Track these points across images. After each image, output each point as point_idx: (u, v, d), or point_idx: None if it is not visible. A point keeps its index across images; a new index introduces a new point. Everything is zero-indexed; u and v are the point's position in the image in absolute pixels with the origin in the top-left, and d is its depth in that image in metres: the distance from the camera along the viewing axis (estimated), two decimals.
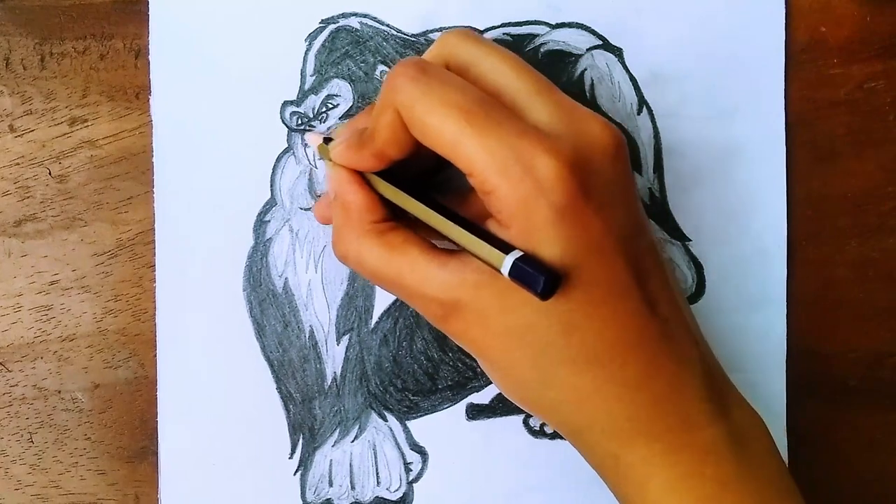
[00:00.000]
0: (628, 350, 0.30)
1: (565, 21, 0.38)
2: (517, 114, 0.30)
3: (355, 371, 0.38)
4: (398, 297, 0.32)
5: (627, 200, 0.30)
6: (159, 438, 0.37)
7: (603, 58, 0.38)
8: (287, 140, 0.37)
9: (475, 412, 0.38)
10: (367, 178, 0.32)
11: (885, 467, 0.38)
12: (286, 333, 0.38)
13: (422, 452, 0.38)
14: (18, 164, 0.37)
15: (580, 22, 0.38)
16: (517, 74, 0.30)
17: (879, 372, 0.38)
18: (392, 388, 0.38)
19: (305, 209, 0.37)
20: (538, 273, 0.27)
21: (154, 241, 0.37)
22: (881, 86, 0.38)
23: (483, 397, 0.38)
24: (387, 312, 0.38)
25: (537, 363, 0.30)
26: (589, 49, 0.38)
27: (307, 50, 0.37)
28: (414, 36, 0.37)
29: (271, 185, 0.37)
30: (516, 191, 0.28)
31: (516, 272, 0.27)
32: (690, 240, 0.38)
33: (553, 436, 0.38)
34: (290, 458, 0.38)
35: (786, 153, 0.38)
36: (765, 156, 0.38)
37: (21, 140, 0.37)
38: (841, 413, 0.38)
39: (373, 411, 0.38)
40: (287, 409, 0.38)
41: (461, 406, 0.38)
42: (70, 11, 0.37)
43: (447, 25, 0.37)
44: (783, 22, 0.38)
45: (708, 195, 0.38)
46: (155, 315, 0.37)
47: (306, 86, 0.37)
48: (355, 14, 0.37)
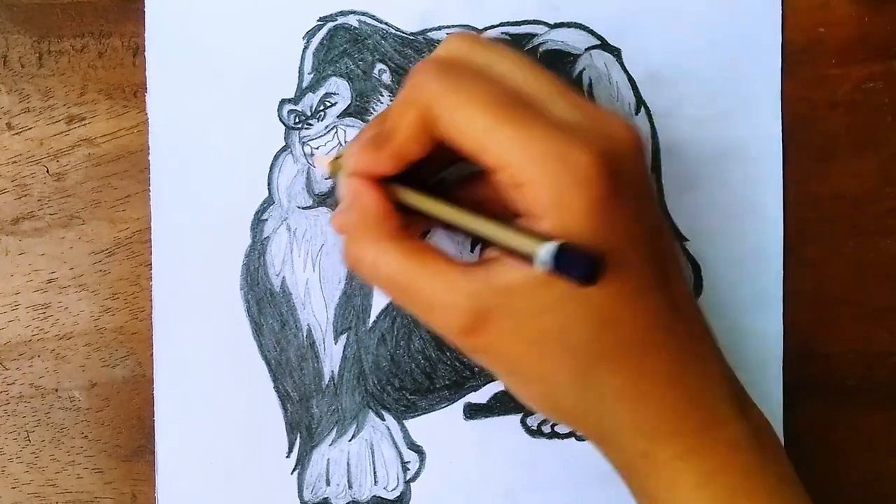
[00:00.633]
0: (660, 346, 0.30)
1: (564, 21, 0.38)
2: (543, 112, 0.29)
3: (353, 370, 0.38)
4: (410, 311, 0.30)
5: (649, 199, 0.31)
6: (156, 437, 0.37)
7: (601, 58, 0.38)
8: (284, 138, 0.37)
9: (473, 411, 0.38)
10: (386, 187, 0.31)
11: (883, 467, 0.38)
12: (284, 332, 0.38)
13: (419, 452, 0.38)
14: (16, 162, 0.37)
15: (579, 22, 0.38)
16: (535, 76, 0.30)
17: (877, 372, 0.38)
18: (390, 388, 0.38)
19: (303, 208, 0.37)
20: (582, 259, 0.26)
21: (151, 240, 0.37)
22: (879, 86, 0.38)
23: (481, 397, 0.38)
24: (385, 311, 0.38)
25: (574, 364, 0.29)
26: (587, 49, 0.38)
27: (305, 48, 0.37)
28: (412, 34, 0.37)
29: (269, 184, 0.37)
30: (553, 182, 0.27)
31: (559, 261, 0.26)
32: (688, 240, 0.38)
33: (551, 435, 0.38)
34: (288, 457, 0.38)
35: (783, 154, 0.38)
36: (762, 156, 0.38)
37: (19, 138, 0.37)
38: (838, 413, 0.38)
39: (370, 410, 0.38)
40: (284, 408, 0.38)
41: (459, 405, 0.38)
42: (68, 9, 0.37)
43: (446, 24, 0.37)
44: (780, 23, 0.38)
45: (705, 195, 0.38)
46: (152, 313, 0.37)
47: (304, 84, 0.37)
48: (354, 12, 0.37)
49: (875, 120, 0.38)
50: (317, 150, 0.37)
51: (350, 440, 0.38)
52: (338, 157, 0.33)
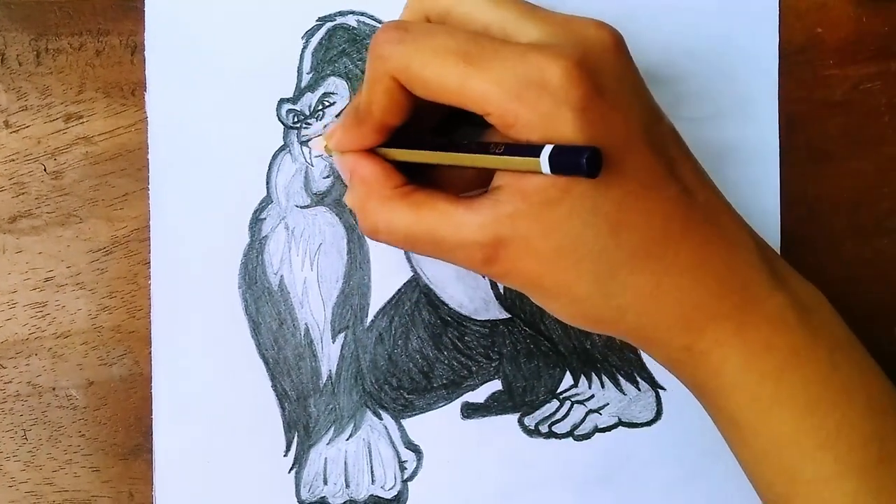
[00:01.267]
0: (678, 238, 0.29)
1: None
2: (510, 40, 0.29)
3: (350, 369, 0.38)
4: (438, 258, 0.31)
5: (638, 92, 0.30)
6: (154, 436, 0.37)
7: None
8: (283, 138, 0.37)
9: (470, 411, 0.38)
10: (377, 152, 0.32)
11: None
12: (281, 331, 0.38)
13: (417, 451, 0.38)
14: (13, 161, 0.37)
15: None
16: (496, 5, 0.30)
17: None
18: (387, 387, 0.38)
19: (301, 207, 0.37)
20: (578, 154, 0.26)
21: (149, 238, 0.37)
22: (877, 87, 0.38)
23: (478, 396, 0.38)
24: (382, 311, 0.38)
25: (594, 274, 0.29)
26: None
27: (304, 47, 0.37)
28: None
29: (267, 183, 0.37)
30: (537, 109, 0.28)
31: (557, 162, 0.27)
32: None
33: (548, 435, 0.38)
34: (285, 456, 0.38)
35: (780, 154, 0.38)
36: (759, 157, 0.38)
37: (16, 136, 0.37)
38: None
39: (368, 409, 0.38)
40: (282, 407, 0.38)
41: (456, 405, 0.38)
42: (66, 7, 0.37)
43: None
44: (777, 23, 0.38)
45: None
46: (150, 312, 0.37)
47: (303, 83, 0.37)
48: (352, 12, 0.37)
49: (872, 120, 0.38)
50: (315, 150, 0.37)
51: (347, 439, 0.38)
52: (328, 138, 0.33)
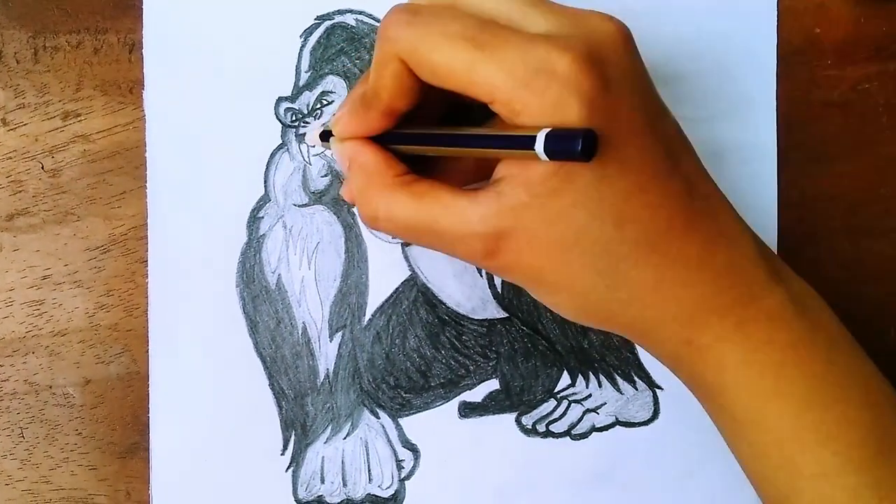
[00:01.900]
0: (682, 232, 0.29)
1: None
2: (519, 29, 0.29)
3: (348, 368, 0.38)
4: (438, 250, 0.31)
5: (644, 86, 0.30)
6: (151, 434, 0.37)
7: None
8: (281, 136, 0.37)
9: (467, 410, 0.38)
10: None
11: None
12: (279, 330, 0.38)
13: (414, 450, 0.38)
14: (11, 158, 0.37)
15: None
16: None
17: None
18: (385, 386, 0.38)
19: (299, 206, 0.37)
20: (574, 136, 0.26)
21: (147, 237, 0.37)
22: (874, 87, 0.38)
23: (475, 395, 0.38)
24: (380, 310, 0.38)
25: (598, 266, 0.29)
26: None
27: (302, 46, 0.37)
28: None
29: (265, 182, 0.37)
30: (544, 97, 0.27)
31: (552, 146, 0.26)
32: None
33: (545, 434, 0.38)
34: (282, 455, 0.38)
35: (778, 154, 0.38)
36: (757, 157, 0.38)
37: (14, 134, 0.37)
38: None
39: (365, 408, 0.38)
40: (279, 406, 0.38)
41: (453, 404, 0.38)
42: (64, 5, 0.37)
43: None
44: (775, 24, 0.38)
45: None
46: (147, 311, 0.37)
47: (301, 82, 0.37)
48: (351, 11, 0.37)
49: (870, 121, 0.38)
50: (313, 148, 0.37)
51: (345, 438, 0.38)
52: (325, 129, 0.33)
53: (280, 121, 0.37)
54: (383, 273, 0.38)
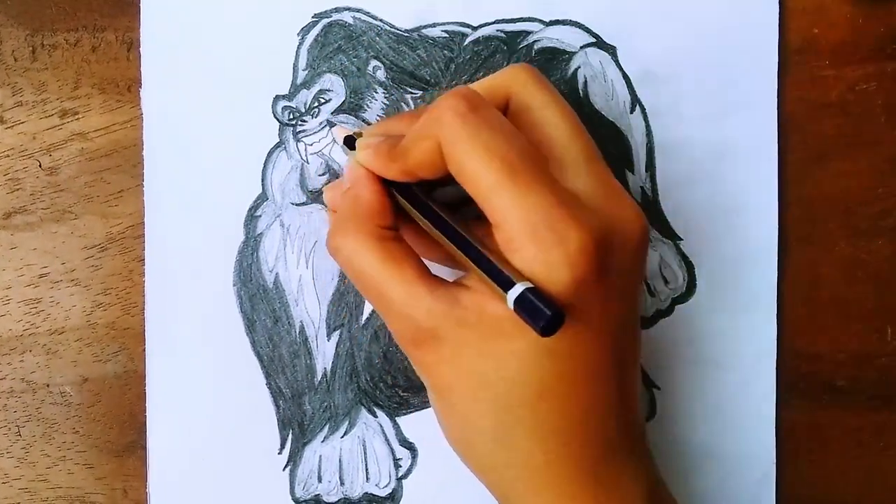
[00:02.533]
0: (591, 432, 0.30)
1: (559, 18, 0.38)
2: (558, 175, 0.29)
3: (345, 367, 0.38)
4: (375, 308, 0.31)
5: (635, 289, 0.31)
6: (148, 433, 0.37)
7: (596, 56, 0.38)
8: (279, 135, 0.37)
9: None
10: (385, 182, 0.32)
11: (873, 467, 0.39)
12: (276, 329, 0.37)
13: (411, 448, 0.38)
14: (8, 156, 0.37)
15: (574, 19, 0.38)
16: (571, 134, 0.30)
17: (867, 372, 0.38)
18: (382, 384, 0.38)
19: (297, 204, 0.37)
20: (545, 308, 0.26)
21: (144, 235, 0.37)
22: (873, 88, 0.38)
23: None
24: None
25: (499, 418, 0.29)
26: (582, 47, 0.38)
27: (299, 44, 0.37)
28: (407, 31, 0.37)
29: (262, 180, 0.37)
30: (543, 254, 0.28)
31: (522, 302, 0.27)
32: (682, 239, 0.38)
33: None
34: (280, 454, 0.38)
35: (778, 154, 0.38)
36: (757, 156, 0.38)
37: (11, 132, 0.37)
38: (829, 413, 0.38)
39: (362, 407, 0.38)
40: (277, 405, 0.38)
41: None
42: (62, 3, 0.37)
43: (440, 21, 0.37)
44: (777, 22, 0.38)
45: (700, 194, 0.38)
46: (144, 309, 0.37)
47: (298, 80, 0.37)
48: (348, 9, 0.37)
49: (868, 121, 0.38)
50: (310, 147, 0.37)
51: (342, 437, 0.38)
52: (355, 135, 0.33)
53: (278, 119, 0.37)
54: None
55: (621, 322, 0.30)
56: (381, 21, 0.37)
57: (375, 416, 0.38)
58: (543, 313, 0.26)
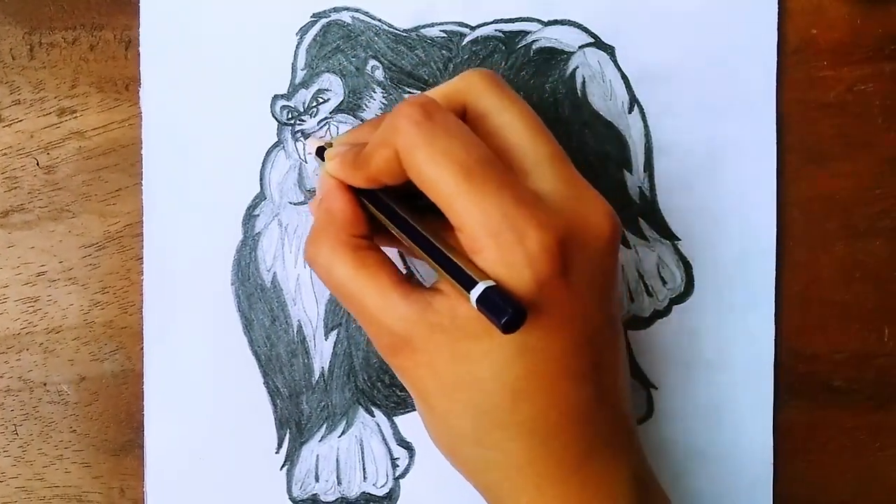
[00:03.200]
0: (570, 432, 0.30)
1: (557, 18, 0.38)
2: (521, 177, 0.30)
3: (343, 366, 0.38)
4: (354, 316, 0.31)
5: (606, 289, 0.30)
6: (145, 432, 0.37)
7: (595, 55, 0.38)
8: (277, 134, 0.37)
9: None
10: (356, 190, 0.32)
11: (870, 467, 0.39)
12: (274, 328, 0.37)
13: (409, 448, 0.38)
14: (6, 155, 0.37)
15: (572, 19, 0.38)
16: (533, 136, 0.30)
17: (864, 373, 0.38)
18: (380, 384, 0.38)
19: (295, 204, 0.37)
20: (505, 305, 0.27)
21: (142, 234, 0.37)
22: (871, 88, 0.38)
23: None
24: None
25: (477, 420, 0.30)
26: (581, 47, 0.38)
27: (298, 44, 0.37)
28: (406, 31, 0.37)
29: (261, 180, 0.37)
30: (504, 256, 0.28)
31: (485, 301, 0.27)
32: (680, 239, 0.38)
33: None
34: (277, 453, 0.38)
35: (776, 154, 0.38)
36: (755, 156, 0.38)
37: (9, 130, 0.37)
38: (826, 413, 0.38)
39: (360, 407, 0.38)
40: (274, 404, 0.38)
41: None
42: (60, 1, 0.37)
43: (439, 21, 0.37)
44: (776, 23, 0.38)
45: (698, 195, 0.38)
46: (142, 308, 0.37)
47: (297, 80, 0.37)
48: (347, 8, 0.37)
49: (866, 122, 0.38)
50: (314, 136, 0.37)
51: (340, 436, 0.38)
52: (326, 146, 0.33)
53: (276, 118, 0.37)
54: None
55: (594, 321, 0.30)
56: (380, 21, 0.37)
57: (373, 416, 0.38)
58: (505, 310, 0.27)
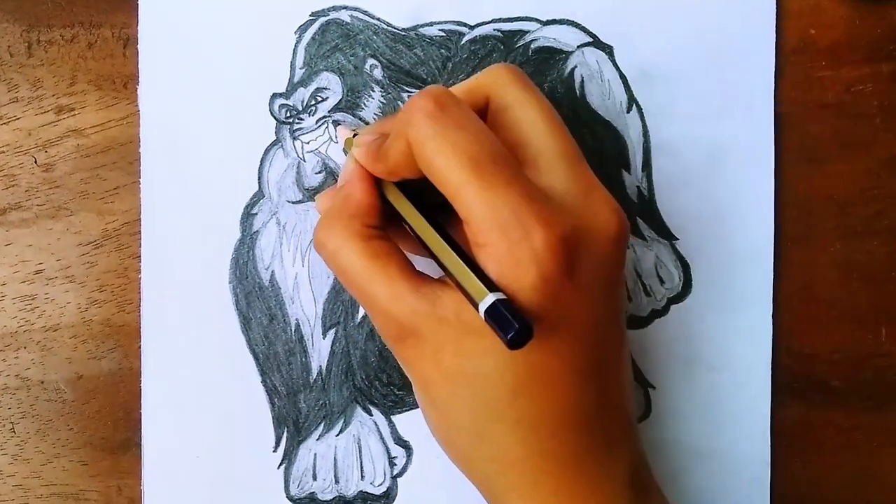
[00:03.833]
0: (568, 429, 0.30)
1: (556, 18, 0.38)
2: (532, 172, 0.30)
3: (341, 365, 0.38)
4: (360, 304, 0.32)
5: (612, 289, 0.31)
6: (143, 430, 0.37)
7: (593, 55, 0.38)
8: (275, 132, 0.37)
9: None
10: (379, 180, 0.32)
11: (867, 468, 0.39)
12: (272, 327, 0.37)
13: (406, 447, 0.38)
14: (4, 153, 0.37)
15: (571, 19, 0.38)
16: (549, 133, 0.30)
17: (861, 373, 0.38)
18: (378, 383, 0.38)
19: (293, 202, 0.37)
20: (514, 320, 0.27)
21: (140, 232, 0.37)
22: (868, 89, 0.38)
23: None
24: None
25: (477, 413, 0.30)
26: (579, 46, 0.38)
27: (297, 42, 0.37)
28: (404, 30, 0.37)
29: (259, 178, 0.37)
30: (510, 252, 0.28)
31: (493, 313, 0.27)
32: (678, 238, 0.38)
33: None
34: (275, 452, 0.38)
35: (774, 154, 0.38)
36: (753, 156, 0.38)
37: (7, 128, 0.37)
38: (823, 413, 0.39)
39: (358, 405, 0.38)
40: (272, 403, 0.38)
41: None
42: None
43: (437, 20, 0.37)
44: (774, 23, 0.38)
45: (696, 194, 0.38)
46: (140, 306, 0.37)
47: (295, 78, 0.37)
48: (346, 7, 0.37)
49: (864, 122, 0.38)
50: (307, 145, 0.37)
51: (337, 435, 0.38)
52: (355, 135, 0.33)
53: (274, 117, 0.37)
54: None
55: (598, 321, 0.30)
56: (379, 19, 0.37)
57: (371, 415, 0.38)
58: (509, 329, 0.27)
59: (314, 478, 0.38)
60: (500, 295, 0.27)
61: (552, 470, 0.30)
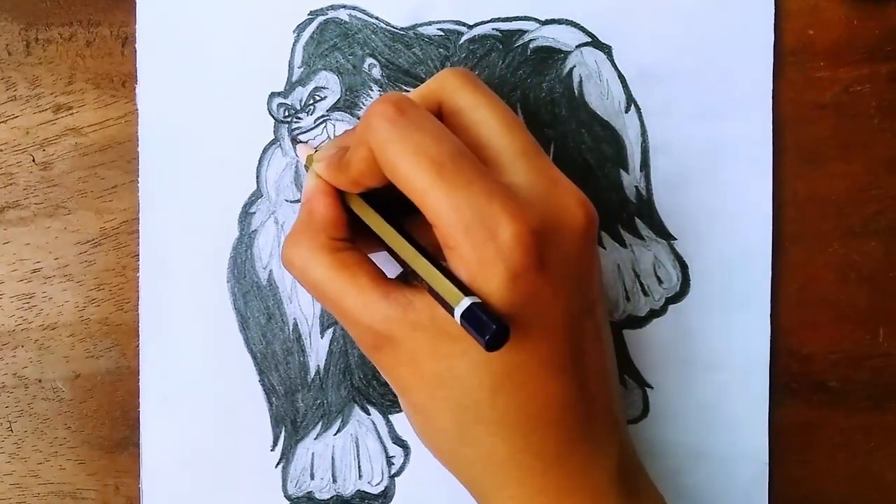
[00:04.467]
0: (550, 425, 0.30)
1: (554, 17, 0.38)
2: (494, 172, 0.30)
3: (339, 364, 0.38)
4: (335, 316, 0.32)
5: (585, 278, 0.30)
6: (141, 429, 0.37)
7: (592, 55, 0.38)
8: (274, 132, 0.37)
9: None
10: (342, 193, 0.32)
11: (864, 468, 0.39)
12: (270, 326, 0.37)
13: (404, 446, 0.38)
14: (2, 151, 0.37)
15: (569, 19, 0.38)
16: (507, 131, 0.30)
17: (859, 373, 0.38)
18: (375, 382, 0.38)
19: (291, 201, 0.37)
20: (490, 322, 0.27)
21: (138, 231, 0.37)
22: (867, 89, 0.38)
23: None
24: None
25: (458, 416, 0.30)
26: (578, 46, 0.38)
27: (295, 41, 0.37)
28: (403, 29, 0.37)
29: (257, 177, 0.37)
30: (477, 252, 0.28)
31: (469, 316, 0.27)
32: (676, 238, 0.38)
33: None
34: (272, 451, 0.38)
35: (772, 154, 0.38)
36: (752, 156, 0.38)
37: (5, 126, 0.37)
38: (821, 413, 0.39)
39: (356, 405, 0.38)
40: (269, 402, 0.38)
41: None
42: None
43: (436, 20, 0.37)
44: (772, 23, 0.38)
45: (694, 194, 0.38)
46: (138, 305, 0.37)
47: (294, 77, 0.37)
48: (344, 6, 0.37)
49: (862, 123, 0.38)
50: (305, 144, 0.37)
51: (335, 434, 0.38)
52: (316, 151, 0.34)
53: (273, 116, 0.37)
54: None
55: (572, 313, 0.30)
56: (377, 19, 0.37)
57: (368, 414, 0.38)
58: (485, 332, 0.27)
59: (312, 477, 0.38)
60: (475, 298, 0.27)
61: (537, 466, 0.30)
